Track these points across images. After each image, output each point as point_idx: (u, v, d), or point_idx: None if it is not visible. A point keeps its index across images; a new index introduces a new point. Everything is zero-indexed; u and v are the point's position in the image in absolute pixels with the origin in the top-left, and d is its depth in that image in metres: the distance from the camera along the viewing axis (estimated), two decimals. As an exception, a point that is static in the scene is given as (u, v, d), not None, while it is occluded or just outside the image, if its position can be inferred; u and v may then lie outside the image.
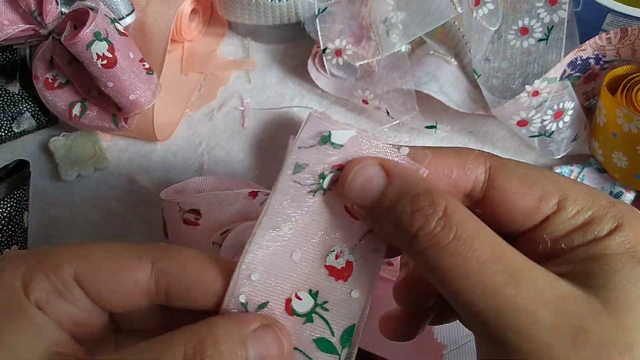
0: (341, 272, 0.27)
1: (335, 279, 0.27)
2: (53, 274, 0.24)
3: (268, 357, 0.24)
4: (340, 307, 0.27)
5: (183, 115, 0.56)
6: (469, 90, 0.53)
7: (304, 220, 0.27)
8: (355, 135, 0.27)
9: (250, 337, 0.24)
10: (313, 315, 0.27)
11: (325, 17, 0.54)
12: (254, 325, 0.24)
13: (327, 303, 0.27)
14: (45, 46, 0.48)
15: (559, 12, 0.49)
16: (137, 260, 0.25)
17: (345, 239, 0.27)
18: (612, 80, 0.46)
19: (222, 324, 0.24)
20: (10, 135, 0.54)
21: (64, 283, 0.24)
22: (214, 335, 0.23)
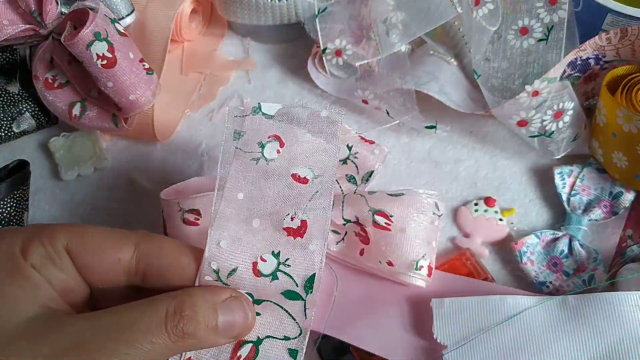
0: (298, 231, 0.32)
1: (294, 237, 0.31)
2: (48, 242, 0.28)
3: (235, 323, 0.29)
4: (300, 261, 0.31)
5: (183, 115, 0.57)
6: (468, 90, 0.53)
7: (255, 190, 0.32)
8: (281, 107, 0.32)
9: (220, 304, 0.29)
10: (278, 273, 0.31)
11: (325, 17, 0.54)
12: (225, 295, 0.29)
13: (289, 260, 0.31)
14: (45, 46, 0.48)
15: (559, 12, 0.49)
16: (122, 241, 0.29)
17: (296, 202, 0.32)
18: (612, 80, 0.46)
19: (199, 292, 0.29)
20: (10, 135, 0.54)
21: (57, 252, 0.28)
22: (192, 299, 0.28)
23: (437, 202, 0.45)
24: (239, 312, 0.29)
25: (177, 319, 0.27)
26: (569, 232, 0.46)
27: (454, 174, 0.52)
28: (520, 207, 0.50)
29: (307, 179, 0.32)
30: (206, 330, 0.28)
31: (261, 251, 0.31)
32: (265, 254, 0.31)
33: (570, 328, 0.39)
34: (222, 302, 0.29)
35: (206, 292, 0.29)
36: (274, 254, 0.31)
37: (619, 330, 0.39)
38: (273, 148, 0.33)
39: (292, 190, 0.32)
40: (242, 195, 0.32)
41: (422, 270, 0.43)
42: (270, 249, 0.31)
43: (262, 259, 0.31)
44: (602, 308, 0.39)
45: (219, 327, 0.28)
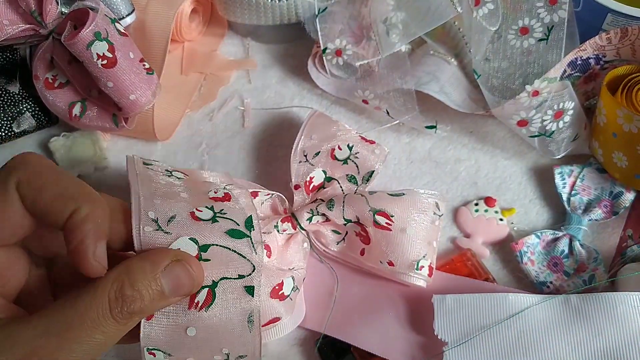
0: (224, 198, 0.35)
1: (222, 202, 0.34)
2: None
3: (181, 285, 0.29)
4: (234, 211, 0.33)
5: (183, 115, 0.57)
6: (469, 90, 0.53)
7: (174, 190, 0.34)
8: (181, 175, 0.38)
9: (163, 273, 0.29)
10: (217, 217, 0.33)
11: (325, 17, 0.54)
12: (165, 261, 0.29)
13: (223, 210, 0.33)
14: (46, 46, 0.48)
15: (559, 12, 0.49)
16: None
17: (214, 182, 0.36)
18: (612, 80, 0.46)
19: (137, 267, 0.28)
20: (11, 135, 0.54)
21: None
22: (131, 277, 0.28)
23: (438, 202, 0.45)
24: (183, 274, 0.29)
25: (121, 303, 0.27)
26: (570, 232, 0.46)
27: (454, 174, 0.52)
28: (520, 207, 0.50)
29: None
30: (152, 302, 0.28)
31: (195, 205, 0.33)
32: (199, 207, 0.33)
33: (572, 327, 0.39)
34: (164, 269, 0.29)
35: (146, 263, 0.29)
36: (208, 207, 0.33)
37: (619, 331, 0.39)
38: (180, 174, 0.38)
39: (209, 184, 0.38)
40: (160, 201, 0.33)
41: (423, 270, 0.43)
42: (203, 204, 0.33)
43: (197, 210, 0.33)
44: (604, 308, 0.39)
45: (165, 292, 0.29)
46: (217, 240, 0.32)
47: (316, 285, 0.45)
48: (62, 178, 0.30)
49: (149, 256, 0.29)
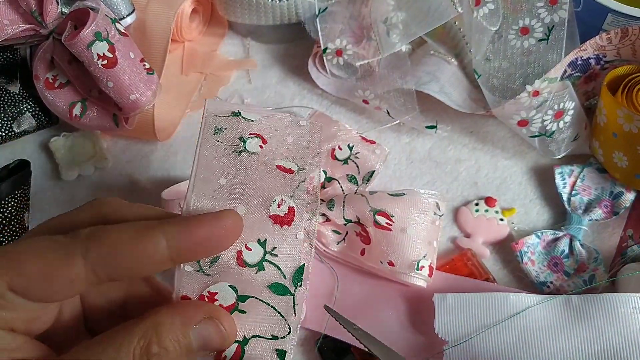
0: (285, 219, 0.30)
1: (281, 226, 0.29)
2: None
3: (210, 343, 0.27)
4: (288, 251, 0.29)
5: (183, 115, 0.57)
6: (469, 90, 0.53)
7: (239, 177, 0.30)
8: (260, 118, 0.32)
9: (193, 330, 0.26)
10: (264, 263, 0.29)
11: (325, 17, 0.54)
12: (198, 317, 0.26)
13: (276, 249, 0.29)
14: (46, 46, 0.48)
15: (560, 12, 0.49)
16: (67, 260, 0.25)
17: (283, 189, 0.30)
18: (613, 80, 0.46)
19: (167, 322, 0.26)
20: (11, 135, 0.54)
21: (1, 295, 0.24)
22: (159, 334, 0.25)
23: (438, 202, 0.45)
24: (214, 333, 0.27)
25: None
26: (570, 232, 0.46)
27: (455, 174, 0.52)
28: (520, 207, 0.50)
29: (292, 170, 0.31)
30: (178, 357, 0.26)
31: (246, 239, 0.29)
32: (250, 242, 0.29)
33: (573, 327, 0.39)
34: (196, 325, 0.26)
35: (176, 319, 0.26)
36: (260, 242, 0.29)
37: (620, 331, 0.39)
38: (255, 143, 0.31)
39: (279, 177, 0.30)
40: (225, 181, 0.30)
41: (423, 271, 0.43)
42: (256, 237, 0.29)
43: (247, 248, 0.29)
44: (605, 309, 0.39)
45: (193, 348, 0.26)
46: (258, 293, 0.29)
47: (316, 285, 0.45)
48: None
49: (181, 311, 0.27)
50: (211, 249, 0.27)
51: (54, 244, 0.26)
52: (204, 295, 0.28)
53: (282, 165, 0.31)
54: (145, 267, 0.26)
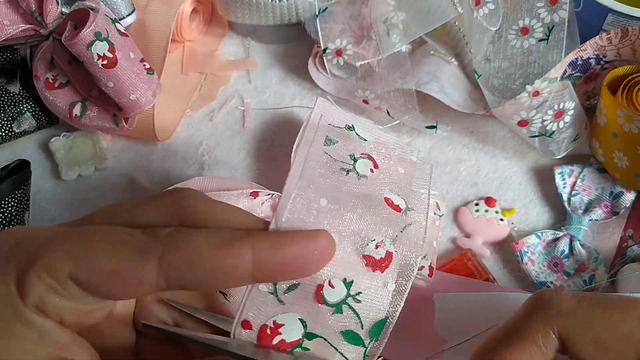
0: (380, 263, 0.26)
1: (373, 270, 0.25)
2: (47, 274, 0.22)
3: None
4: (373, 300, 0.25)
5: (183, 115, 0.57)
6: (469, 90, 0.53)
7: (342, 201, 0.26)
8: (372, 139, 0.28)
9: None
10: (343, 306, 0.25)
11: (325, 17, 0.54)
12: None
13: (361, 294, 0.25)
14: (46, 46, 0.48)
15: (560, 12, 0.49)
16: (142, 259, 0.23)
17: (385, 230, 0.26)
18: (613, 80, 0.46)
19: None
20: (11, 135, 0.54)
21: (60, 282, 0.22)
22: None
23: (438, 202, 0.45)
24: None
25: None
26: (570, 232, 0.46)
27: (455, 174, 0.52)
28: (520, 207, 0.50)
29: (400, 207, 0.27)
30: None
31: (331, 274, 0.25)
32: (334, 279, 0.25)
33: None
34: None
35: None
36: (345, 282, 0.25)
37: None
38: (366, 165, 0.27)
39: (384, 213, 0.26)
40: (326, 202, 0.26)
41: (423, 271, 0.43)
42: (342, 275, 0.25)
43: (330, 284, 0.25)
44: None
45: None
46: (328, 336, 0.25)
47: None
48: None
49: None
50: (298, 271, 0.24)
51: (130, 239, 0.23)
52: (267, 325, 0.25)
53: (391, 199, 0.27)
54: (223, 281, 0.23)
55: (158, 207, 0.25)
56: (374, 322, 0.26)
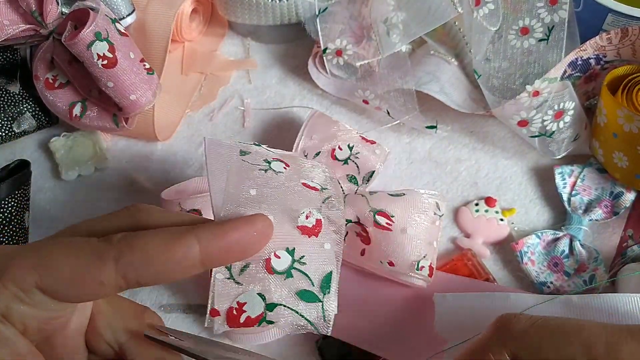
0: (312, 230, 0.30)
1: (308, 236, 0.30)
2: (11, 284, 0.24)
3: None
4: (316, 259, 0.30)
5: (183, 116, 0.57)
6: (469, 90, 0.53)
7: (268, 189, 0.31)
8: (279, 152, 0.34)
9: None
10: (292, 271, 0.29)
11: (325, 17, 0.54)
12: None
13: (304, 257, 0.30)
14: (46, 46, 0.48)
15: (560, 12, 0.49)
16: (99, 263, 0.25)
17: (310, 204, 0.31)
18: (613, 80, 0.46)
19: None
20: (11, 135, 0.54)
21: (25, 291, 0.24)
22: None
23: (438, 202, 0.45)
24: None
25: None
26: (570, 232, 0.46)
27: (455, 174, 0.52)
28: (520, 207, 0.50)
29: (316, 188, 0.32)
30: None
31: (275, 247, 0.29)
32: (279, 250, 0.29)
33: None
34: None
35: None
36: (288, 251, 0.29)
37: None
38: (280, 165, 0.32)
39: (305, 192, 0.31)
40: (255, 192, 0.30)
41: (423, 271, 0.43)
42: (284, 245, 0.29)
43: (275, 255, 0.29)
44: (605, 309, 0.39)
45: None
46: (286, 301, 0.29)
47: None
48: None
49: None
50: (243, 252, 0.27)
51: (87, 245, 0.25)
52: (232, 307, 0.28)
53: (307, 183, 0.32)
54: (176, 272, 0.26)
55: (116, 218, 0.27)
56: (322, 277, 0.30)
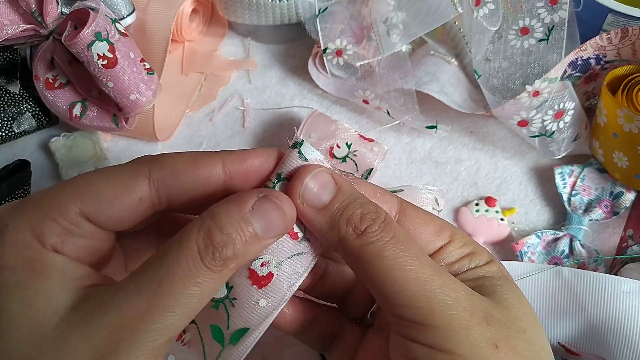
0: (260, 280, 0.28)
1: (252, 284, 0.28)
2: (60, 217, 0.25)
3: (273, 225, 0.26)
4: (244, 309, 0.28)
5: (183, 115, 0.57)
6: (469, 90, 0.53)
7: None
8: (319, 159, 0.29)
9: (251, 212, 0.26)
10: (220, 305, 0.28)
11: (325, 17, 0.54)
12: (251, 201, 0.26)
13: (236, 300, 0.28)
14: (46, 46, 0.48)
15: (560, 12, 0.49)
16: (134, 179, 0.27)
17: (276, 252, 0.28)
18: (613, 80, 0.46)
19: (222, 210, 0.26)
20: (11, 135, 0.54)
21: (73, 222, 0.26)
22: (217, 222, 0.25)
23: (437, 198, 0.45)
24: (273, 212, 0.26)
25: (211, 250, 0.24)
26: (570, 232, 0.46)
27: (455, 174, 0.52)
28: (521, 207, 0.50)
29: (297, 235, 0.29)
30: (246, 245, 0.25)
31: None
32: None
33: (558, 297, 0.41)
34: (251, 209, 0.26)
35: (231, 205, 0.26)
36: (227, 286, 0.28)
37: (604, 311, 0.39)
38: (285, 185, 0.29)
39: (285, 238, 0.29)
40: None
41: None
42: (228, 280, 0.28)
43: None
44: (593, 287, 0.40)
45: (258, 233, 0.26)
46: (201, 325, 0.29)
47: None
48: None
49: (233, 199, 0.26)
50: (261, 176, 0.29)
51: (120, 168, 0.27)
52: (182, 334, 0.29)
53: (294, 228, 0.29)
54: (201, 189, 0.27)
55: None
56: (238, 328, 0.28)
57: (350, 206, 0.27)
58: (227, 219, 0.25)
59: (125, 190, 0.27)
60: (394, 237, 0.26)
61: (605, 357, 0.39)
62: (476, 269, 0.29)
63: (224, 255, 0.25)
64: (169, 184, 0.27)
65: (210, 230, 0.25)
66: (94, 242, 0.27)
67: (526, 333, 0.26)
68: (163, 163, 0.27)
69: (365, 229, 0.26)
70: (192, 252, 0.24)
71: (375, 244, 0.26)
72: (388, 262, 0.25)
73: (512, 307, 0.26)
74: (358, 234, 0.26)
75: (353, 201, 0.27)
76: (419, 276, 0.25)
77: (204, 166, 0.28)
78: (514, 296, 0.27)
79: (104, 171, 0.27)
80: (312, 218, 0.28)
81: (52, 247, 0.25)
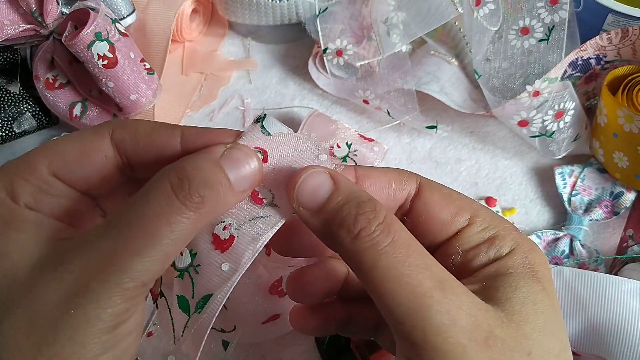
0: (222, 244, 0.28)
1: (215, 248, 0.28)
2: (31, 176, 0.26)
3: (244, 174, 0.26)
4: (208, 274, 0.28)
5: (184, 116, 0.57)
6: (469, 90, 0.53)
7: None
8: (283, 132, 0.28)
9: (221, 159, 0.25)
10: (185, 273, 0.28)
11: (326, 17, 0.54)
12: (220, 150, 0.26)
13: (200, 267, 0.28)
14: (46, 46, 0.48)
15: (560, 12, 0.49)
16: (99, 138, 0.27)
17: (237, 215, 0.28)
18: (613, 80, 0.46)
19: (194, 155, 0.25)
20: (11, 135, 0.54)
21: (44, 181, 0.26)
22: (191, 162, 0.25)
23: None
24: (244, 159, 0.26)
25: (186, 185, 0.24)
26: (570, 232, 0.46)
27: (455, 174, 0.52)
28: (521, 207, 0.50)
29: (262, 201, 0.28)
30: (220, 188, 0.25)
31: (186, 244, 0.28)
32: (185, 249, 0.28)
33: (560, 298, 0.41)
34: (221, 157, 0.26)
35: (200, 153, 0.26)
36: (191, 253, 0.28)
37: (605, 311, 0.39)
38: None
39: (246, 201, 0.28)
40: None
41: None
42: (191, 246, 0.28)
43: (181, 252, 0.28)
44: (594, 287, 0.40)
45: (232, 183, 0.25)
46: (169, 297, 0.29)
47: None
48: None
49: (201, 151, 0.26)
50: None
51: (87, 129, 0.28)
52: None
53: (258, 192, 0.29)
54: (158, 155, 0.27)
55: None
56: (203, 295, 0.28)
57: (345, 206, 0.25)
58: (200, 161, 0.25)
59: (90, 148, 0.27)
60: (393, 241, 0.24)
61: (605, 357, 0.39)
62: (495, 263, 0.26)
63: (200, 190, 0.24)
64: (128, 144, 0.27)
65: (184, 168, 0.24)
66: (69, 201, 0.27)
67: (531, 355, 0.23)
68: (126, 125, 0.28)
69: (359, 231, 0.24)
70: (165, 190, 0.24)
71: (371, 250, 0.24)
72: (383, 273, 0.23)
73: (523, 321, 0.24)
74: (352, 237, 0.24)
75: (349, 201, 0.25)
76: (416, 290, 0.23)
77: (163, 134, 0.27)
78: (530, 304, 0.24)
79: (72, 134, 0.28)
80: (308, 221, 0.26)
81: (25, 205, 0.25)
